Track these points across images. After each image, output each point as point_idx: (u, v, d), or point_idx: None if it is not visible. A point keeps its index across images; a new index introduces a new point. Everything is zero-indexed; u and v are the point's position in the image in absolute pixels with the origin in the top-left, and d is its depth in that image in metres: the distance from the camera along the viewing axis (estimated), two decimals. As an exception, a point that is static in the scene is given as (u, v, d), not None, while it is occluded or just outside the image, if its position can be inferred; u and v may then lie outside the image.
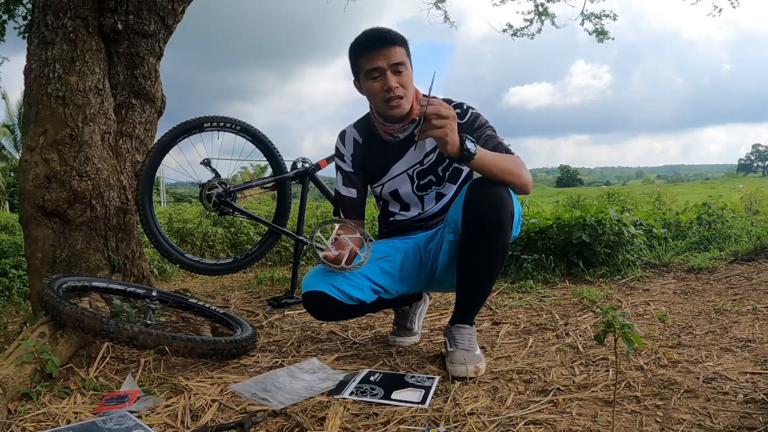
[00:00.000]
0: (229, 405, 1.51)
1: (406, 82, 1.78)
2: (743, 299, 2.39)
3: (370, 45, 1.75)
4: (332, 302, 1.75)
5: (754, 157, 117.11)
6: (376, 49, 1.74)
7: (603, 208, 3.36)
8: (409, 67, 1.79)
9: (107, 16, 2.46)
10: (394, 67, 1.75)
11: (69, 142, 2.28)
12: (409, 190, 1.92)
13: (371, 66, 1.75)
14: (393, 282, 1.87)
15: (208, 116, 2.69)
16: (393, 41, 1.75)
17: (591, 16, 5.74)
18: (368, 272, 1.81)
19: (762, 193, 9.59)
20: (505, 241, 1.68)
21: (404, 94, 1.78)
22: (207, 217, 4.96)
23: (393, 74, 1.75)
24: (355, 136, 1.96)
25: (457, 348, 1.70)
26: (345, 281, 1.76)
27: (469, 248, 1.71)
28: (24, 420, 1.45)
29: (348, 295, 1.75)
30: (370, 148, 1.94)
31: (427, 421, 1.35)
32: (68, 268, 2.26)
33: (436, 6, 5.73)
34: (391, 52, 1.74)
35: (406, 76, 1.78)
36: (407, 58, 1.78)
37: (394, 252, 1.91)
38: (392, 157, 1.91)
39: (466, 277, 1.75)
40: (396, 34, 1.76)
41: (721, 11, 5.44)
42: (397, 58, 1.75)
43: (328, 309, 1.78)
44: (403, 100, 1.78)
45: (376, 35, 1.76)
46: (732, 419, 1.28)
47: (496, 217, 1.64)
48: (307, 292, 1.78)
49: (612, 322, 1.18)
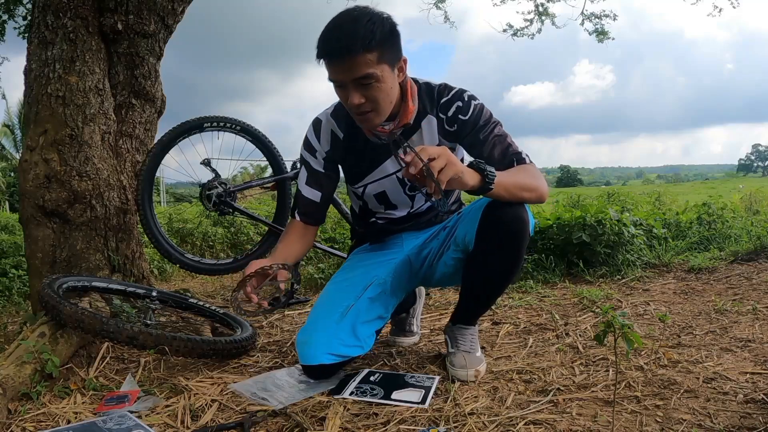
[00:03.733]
0: (229, 405, 1.51)
1: (377, 95, 1.47)
2: (743, 299, 2.39)
3: (326, 53, 1.43)
4: (332, 367, 1.65)
5: (754, 157, 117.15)
6: (333, 61, 1.43)
7: (603, 208, 3.36)
8: (385, 74, 1.45)
9: (107, 16, 2.45)
10: (356, 81, 1.43)
11: (69, 142, 2.28)
12: (399, 191, 1.75)
13: (331, 77, 1.46)
14: (385, 305, 1.76)
15: (208, 116, 2.69)
16: (354, 50, 1.39)
17: (591, 16, 5.75)
18: (362, 314, 1.69)
19: (762, 193, 9.60)
20: (521, 261, 1.61)
21: (373, 107, 1.49)
22: (207, 217, 4.97)
23: (357, 89, 1.45)
24: (334, 129, 1.70)
25: (458, 349, 1.68)
26: (340, 344, 1.63)
27: (483, 266, 1.62)
28: (24, 420, 1.45)
29: (346, 356, 1.66)
30: (353, 145, 1.68)
31: (427, 421, 1.35)
32: (68, 268, 2.26)
33: (436, 6, 5.74)
34: (353, 64, 1.41)
35: (376, 88, 1.45)
36: (382, 64, 1.44)
37: (381, 272, 1.77)
38: (378, 158, 1.70)
39: (476, 288, 1.69)
40: (364, 36, 1.39)
41: (721, 11, 5.45)
42: (361, 70, 1.41)
43: (330, 372, 1.68)
44: (371, 114, 1.50)
45: (334, 42, 1.42)
46: (732, 419, 1.28)
47: (517, 243, 1.54)
48: (307, 367, 1.65)
49: (612, 322, 1.18)
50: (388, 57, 1.46)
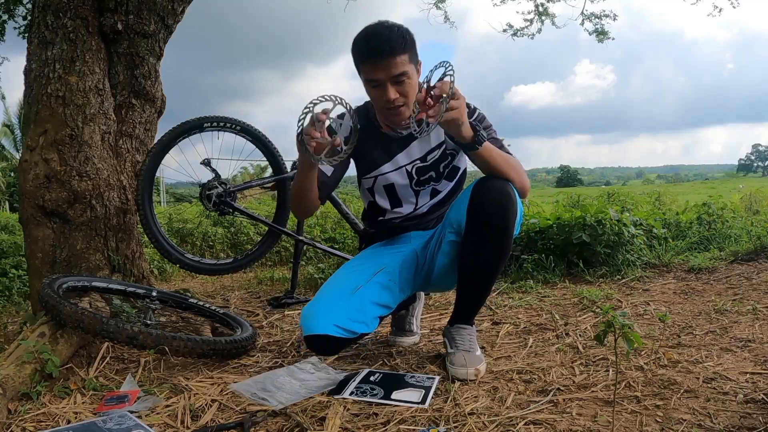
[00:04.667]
0: (229, 405, 1.51)
1: (408, 91, 1.68)
2: (743, 299, 2.39)
3: (368, 55, 1.65)
4: (336, 341, 1.70)
5: (754, 157, 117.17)
6: (375, 62, 1.64)
7: (603, 208, 3.36)
8: (413, 72, 1.69)
9: (107, 16, 2.46)
10: (394, 78, 1.65)
11: (69, 142, 2.28)
12: (407, 184, 1.86)
13: (370, 77, 1.67)
14: (392, 296, 1.83)
15: (208, 116, 2.69)
16: (393, 51, 1.62)
17: (591, 16, 5.74)
18: (370, 294, 1.76)
19: (762, 193, 9.59)
20: (509, 241, 1.67)
21: (405, 102, 1.69)
22: (207, 217, 4.96)
23: (393, 85, 1.66)
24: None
25: (457, 349, 1.69)
26: (347, 318, 1.70)
27: (473, 248, 1.69)
28: (24, 420, 1.45)
29: (352, 331, 1.70)
30: (367, 137, 1.82)
31: (427, 421, 1.35)
32: (68, 268, 2.26)
33: (436, 6, 5.73)
34: (392, 63, 1.63)
35: (409, 84, 1.67)
36: (411, 64, 1.67)
37: (390, 261, 1.86)
38: (392, 150, 1.84)
39: (469, 276, 1.74)
40: (398, 40, 1.63)
41: (722, 11, 5.45)
42: (398, 68, 1.64)
43: (333, 348, 1.73)
44: (403, 107, 1.70)
45: (375, 45, 1.64)
46: (732, 419, 1.28)
47: (504, 217, 1.63)
48: (310, 336, 1.70)
49: (612, 322, 1.18)
50: (414, 59, 1.70)
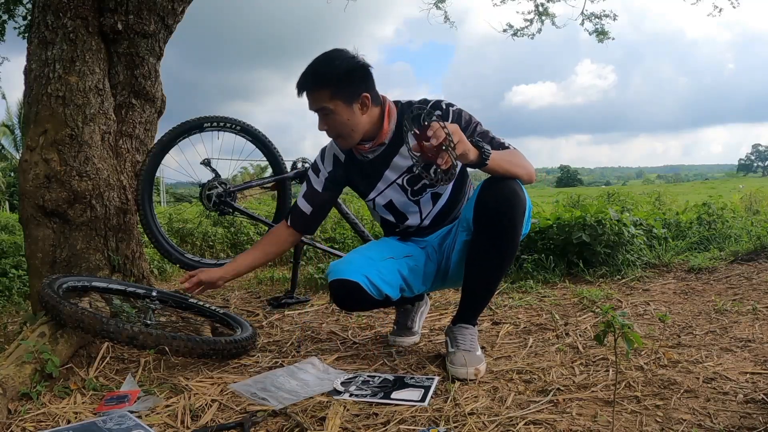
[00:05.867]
0: (229, 405, 1.51)
1: (335, 125, 1.73)
2: (743, 299, 2.39)
3: (297, 85, 1.74)
4: (362, 294, 1.72)
5: (754, 157, 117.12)
6: (300, 93, 1.74)
7: (603, 208, 3.36)
8: (339, 109, 1.70)
9: (107, 16, 2.45)
10: (317, 112, 1.74)
11: (69, 142, 2.28)
12: (404, 199, 1.87)
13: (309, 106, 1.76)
14: (417, 281, 1.86)
15: (208, 116, 2.69)
16: (309, 87, 1.71)
17: (591, 16, 5.74)
18: (400, 267, 1.81)
19: (762, 193, 9.59)
20: (517, 240, 1.69)
21: (337, 133, 1.76)
22: (207, 217, 4.96)
23: (319, 118, 1.75)
24: (336, 153, 1.92)
25: (458, 349, 1.69)
26: (378, 275, 1.74)
27: (480, 246, 1.70)
28: (24, 420, 1.45)
29: (378, 289, 1.74)
30: (354, 164, 1.89)
31: (427, 421, 1.35)
32: (68, 268, 2.26)
33: (436, 6, 5.73)
34: (313, 97, 1.72)
35: (333, 119, 1.72)
36: (332, 100, 1.69)
37: (417, 251, 1.89)
38: (378, 170, 1.86)
39: (475, 276, 1.74)
40: (319, 77, 1.69)
41: (722, 11, 5.45)
42: (316, 104, 1.72)
43: (356, 299, 1.76)
44: (338, 138, 1.78)
45: (301, 77, 1.72)
46: (732, 419, 1.28)
47: (511, 215, 1.64)
48: (339, 280, 1.72)
49: (612, 322, 1.18)
50: (342, 95, 1.69)
